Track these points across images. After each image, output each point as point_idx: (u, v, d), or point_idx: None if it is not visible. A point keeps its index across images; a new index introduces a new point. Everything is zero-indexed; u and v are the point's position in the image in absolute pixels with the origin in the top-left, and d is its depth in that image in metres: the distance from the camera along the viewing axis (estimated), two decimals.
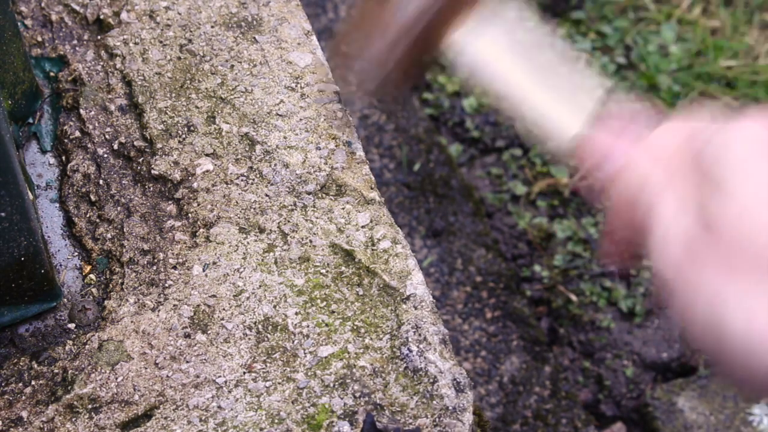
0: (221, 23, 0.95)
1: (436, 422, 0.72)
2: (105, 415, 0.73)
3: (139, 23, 0.94)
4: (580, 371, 1.56)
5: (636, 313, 1.60)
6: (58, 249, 0.84)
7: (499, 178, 1.77)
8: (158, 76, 0.91)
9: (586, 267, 1.65)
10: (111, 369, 0.75)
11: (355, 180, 0.85)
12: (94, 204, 0.85)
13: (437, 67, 0.74)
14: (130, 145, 0.87)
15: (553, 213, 1.73)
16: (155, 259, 0.81)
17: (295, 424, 0.72)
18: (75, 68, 0.92)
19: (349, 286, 0.79)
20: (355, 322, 0.77)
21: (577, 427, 1.47)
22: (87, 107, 0.89)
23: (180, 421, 0.72)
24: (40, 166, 0.89)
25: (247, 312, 0.78)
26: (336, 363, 0.75)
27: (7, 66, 0.85)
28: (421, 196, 1.71)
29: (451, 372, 0.74)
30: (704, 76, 1.88)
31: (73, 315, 0.80)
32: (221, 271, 0.80)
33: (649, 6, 2.02)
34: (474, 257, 1.64)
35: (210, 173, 0.85)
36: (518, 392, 1.50)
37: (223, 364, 0.75)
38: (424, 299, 0.78)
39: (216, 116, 0.89)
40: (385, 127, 1.80)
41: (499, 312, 1.58)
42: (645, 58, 1.91)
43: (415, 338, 0.76)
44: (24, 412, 0.73)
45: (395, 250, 0.81)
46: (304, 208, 0.84)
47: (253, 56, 0.93)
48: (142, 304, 0.78)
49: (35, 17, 0.96)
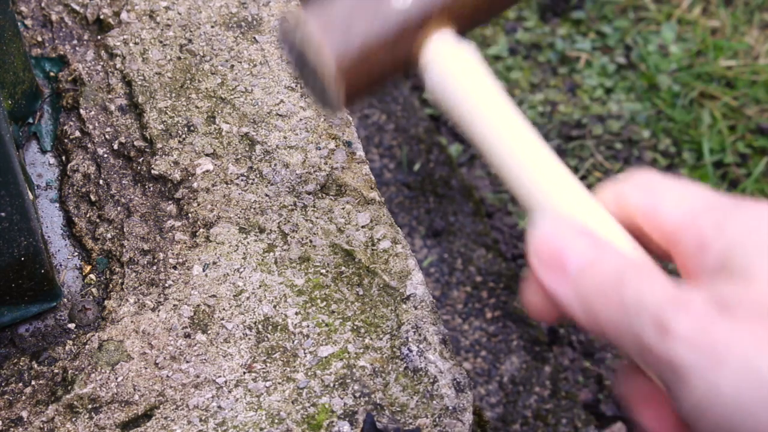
0: (221, 23, 0.95)
1: (436, 422, 0.72)
2: (105, 415, 0.73)
3: (139, 23, 0.94)
4: (580, 371, 1.56)
5: None
6: (58, 249, 0.84)
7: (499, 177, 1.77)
8: (158, 76, 0.91)
9: None
10: (111, 369, 0.75)
11: (355, 180, 0.85)
12: (94, 204, 0.85)
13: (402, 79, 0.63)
14: (130, 145, 0.87)
15: None
16: (155, 259, 0.81)
17: (295, 424, 0.72)
18: (75, 68, 0.92)
19: (349, 286, 0.79)
20: (355, 322, 0.77)
21: (577, 427, 1.47)
22: (87, 107, 0.89)
23: (180, 421, 0.72)
24: (40, 166, 0.89)
25: (247, 312, 0.78)
26: (336, 363, 0.75)
27: (7, 66, 0.85)
28: (421, 196, 1.71)
29: (451, 372, 0.74)
30: (704, 76, 1.88)
31: (73, 315, 0.80)
32: (221, 271, 0.80)
33: (649, 6, 2.02)
34: (474, 257, 1.64)
35: (210, 173, 0.85)
36: (518, 392, 1.50)
37: (223, 364, 0.75)
38: (424, 299, 0.78)
39: (216, 116, 0.89)
40: (385, 127, 1.80)
41: (499, 312, 1.58)
42: (645, 58, 1.91)
43: (415, 338, 0.76)
44: (24, 412, 0.73)
45: (395, 250, 0.81)
46: (304, 208, 0.84)
47: (253, 56, 0.93)
48: (142, 304, 0.78)
49: (35, 17, 0.96)
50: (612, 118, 1.84)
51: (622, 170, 1.76)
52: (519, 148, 0.58)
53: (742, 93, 1.85)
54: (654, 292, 0.47)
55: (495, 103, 0.60)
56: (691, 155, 1.79)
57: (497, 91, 0.61)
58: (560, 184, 0.57)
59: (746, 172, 1.76)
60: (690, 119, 1.83)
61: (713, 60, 1.89)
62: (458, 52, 0.62)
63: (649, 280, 0.48)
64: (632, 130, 1.82)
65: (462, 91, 0.61)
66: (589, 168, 1.77)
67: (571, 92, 1.89)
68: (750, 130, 1.81)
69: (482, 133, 0.60)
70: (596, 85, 1.90)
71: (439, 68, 0.62)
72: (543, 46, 1.96)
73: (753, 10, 2.00)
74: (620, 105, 1.86)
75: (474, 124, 0.60)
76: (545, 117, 1.85)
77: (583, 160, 1.78)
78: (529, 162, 0.58)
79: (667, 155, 1.79)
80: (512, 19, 2.01)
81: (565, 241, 0.52)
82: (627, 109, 1.85)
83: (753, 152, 1.79)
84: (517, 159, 0.58)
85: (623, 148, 1.80)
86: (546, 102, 1.87)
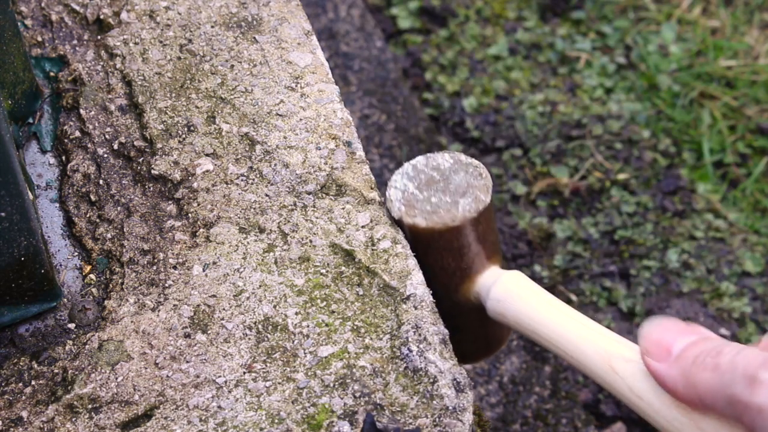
0: (221, 23, 0.95)
1: (436, 422, 0.72)
2: (105, 415, 0.73)
3: (139, 23, 0.94)
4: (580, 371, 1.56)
5: (636, 313, 1.60)
6: (58, 249, 0.84)
7: (499, 178, 1.77)
8: (158, 76, 0.91)
9: (586, 267, 1.65)
10: (111, 369, 0.75)
11: (355, 180, 0.85)
12: (94, 204, 0.85)
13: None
14: (130, 145, 0.87)
15: (553, 213, 1.73)
16: (155, 259, 0.81)
17: (295, 424, 0.72)
18: (75, 68, 0.92)
19: (349, 286, 0.79)
20: (355, 322, 0.77)
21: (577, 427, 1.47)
22: (87, 107, 0.89)
23: (180, 421, 0.72)
24: (40, 166, 0.89)
25: (247, 312, 0.78)
26: (336, 363, 0.75)
27: (7, 66, 0.85)
28: None
29: (451, 372, 0.74)
30: (704, 76, 1.88)
31: (73, 315, 0.80)
32: (221, 271, 0.80)
33: (649, 6, 2.02)
34: None
35: (210, 173, 0.85)
36: (518, 392, 1.50)
37: (223, 364, 0.75)
38: (424, 299, 0.78)
39: (216, 116, 0.89)
40: (385, 127, 1.80)
41: None
42: (645, 58, 1.91)
43: (415, 338, 0.76)
44: (24, 412, 0.73)
45: (395, 250, 0.81)
46: (304, 208, 0.84)
47: (253, 56, 0.93)
48: (142, 304, 0.79)
49: (35, 17, 0.96)
50: (612, 118, 1.84)
51: (622, 170, 1.76)
52: (583, 340, 0.73)
53: (742, 93, 1.85)
54: (745, 356, 0.57)
55: (553, 311, 0.77)
56: (691, 155, 1.79)
57: (551, 300, 0.77)
58: None
59: (746, 172, 1.76)
60: (690, 119, 1.83)
61: (713, 60, 1.89)
62: (511, 278, 0.80)
63: (740, 348, 0.58)
64: (632, 130, 1.82)
65: (527, 306, 0.78)
66: (589, 168, 1.77)
67: (571, 92, 1.89)
68: (750, 130, 1.81)
69: (549, 339, 0.76)
70: (596, 85, 1.90)
71: (498, 293, 0.79)
72: (543, 46, 1.96)
73: (753, 10, 2.00)
74: (620, 105, 1.86)
75: (542, 333, 0.76)
76: (545, 117, 1.85)
77: (583, 160, 1.78)
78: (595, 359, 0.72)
79: (667, 155, 1.79)
80: (512, 19, 2.01)
81: (670, 333, 0.63)
82: (627, 109, 1.85)
83: (753, 152, 1.79)
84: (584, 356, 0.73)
85: (623, 148, 1.80)
86: (546, 102, 1.87)
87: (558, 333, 0.74)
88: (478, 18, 2.00)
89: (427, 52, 1.94)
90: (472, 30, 1.97)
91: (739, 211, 1.72)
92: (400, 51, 1.95)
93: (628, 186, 1.74)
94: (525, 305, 0.77)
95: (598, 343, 0.72)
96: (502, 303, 0.79)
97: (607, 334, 0.72)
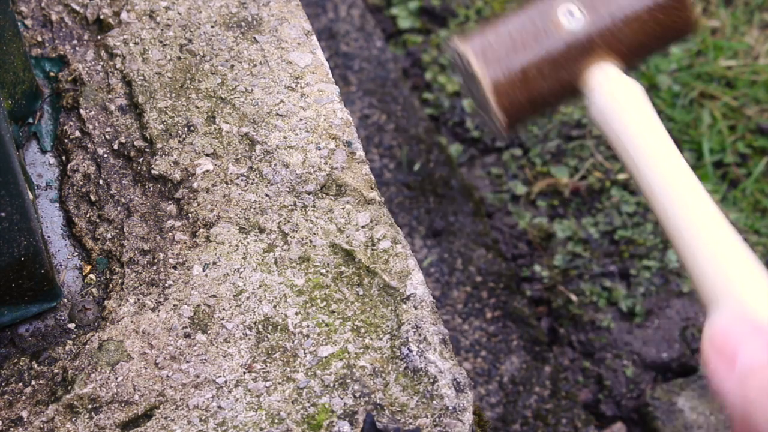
0: (221, 23, 0.95)
1: (436, 422, 0.72)
2: (105, 415, 0.73)
3: (139, 23, 0.94)
4: (580, 371, 1.56)
5: (636, 313, 1.60)
6: (58, 249, 0.84)
7: (499, 177, 1.77)
8: (158, 76, 0.91)
9: (586, 267, 1.65)
10: (111, 369, 0.75)
11: (355, 180, 0.85)
12: (94, 204, 0.85)
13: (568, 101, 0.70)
14: (130, 145, 0.87)
15: (553, 213, 1.73)
16: (155, 259, 0.81)
17: (295, 424, 0.72)
18: (75, 68, 0.92)
19: (349, 286, 0.79)
20: (355, 322, 0.77)
21: (577, 427, 1.47)
22: (87, 107, 0.89)
23: (180, 421, 0.72)
24: (40, 166, 0.89)
25: (247, 312, 0.78)
26: (336, 363, 0.75)
27: (7, 66, 0.85)
28: (421, 196, 1.71)
29: (451, 372, 0.74)
30: (704, 76, 1.88)
31: (73, 315, 0.80)
32: (221, 271, 0.80)
33: None
34: (474, 257, 1.64)
35: (210, 173, 0.85)
36: (518, 392, 1.50)
37: (223, 364, 0.75)
38: (424, 299, 0.78)
39: (216, 116, 0.89)
40: (385, 127, 1.80)
41: (499, 312, 1.58)
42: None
43: (415, 338, 0.76)
44: (24, 412, 0.73)
45: (395, 250, 0.81)
46: (304, 208, 0.84)
47: (253, 56, 0.93)
48: (142, 304, 0.79)
49: (35, 17, 0.96)
50: None
51: (622, 170, 1.76)
52: (685, 202, 0.61)
53: (742, 93, 1.85)
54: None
55: (660, 144, 0.63)
56: (691, 155, 1.79)
57: (661, 130, 0.64)
58: (740, 265, 0.57)
59: (746, 172, 1.76)
60: (690, 119, 1.83)
61: (713, 60, 1.89)
62: (627, 85, 0.65)
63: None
64: None
65: (629, 123, 0.63)
66: (589, 168, 1.77)
67: None
68: (750, 130, 1.81)
69: (644, 173, 0.62)
70: None
71: (606, 97, 0.64)
72: None
73: (753, 10, 2.00)
74: None
75: (637, 160, 0.63)
76: (545, 117, 1.85)
77: (583, 160, 1.78)
78: (704, 232, 0.60)
79: None
80: None
81: (740, 338, 0.53)
82: None
83: (753, 152, 1.79)
84: (687, 219, 0.61)
85: None
86: None
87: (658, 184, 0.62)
88: (478, 18, 2.00)
89: (427, 52, 1.94)
90: (472, 30, 1.97)
91: (739, 211, 1.72)
92: (400, 51, 1.95)
93: (628, 186, 1.75)
94: (634, 134, 0.64)
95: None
96: (608, 116, 0.65)
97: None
